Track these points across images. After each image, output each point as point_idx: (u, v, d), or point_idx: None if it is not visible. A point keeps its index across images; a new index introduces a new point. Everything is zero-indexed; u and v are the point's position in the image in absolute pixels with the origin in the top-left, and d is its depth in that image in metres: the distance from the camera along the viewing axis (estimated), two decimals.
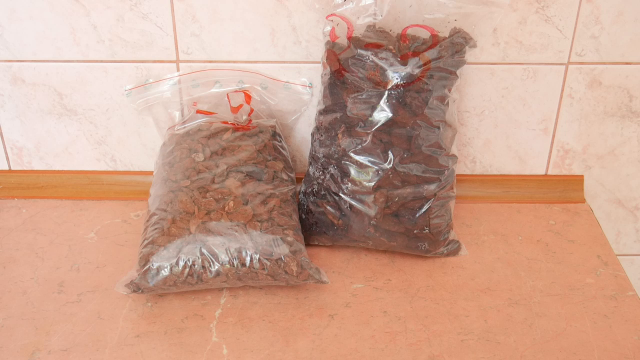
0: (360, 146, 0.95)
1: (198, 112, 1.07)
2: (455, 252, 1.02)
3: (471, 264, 1.01)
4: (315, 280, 0.92)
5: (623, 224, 1.20)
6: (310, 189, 1.01)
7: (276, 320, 0.91)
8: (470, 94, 1.08)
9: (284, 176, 1.00)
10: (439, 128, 0.95)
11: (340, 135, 0.96)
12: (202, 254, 0.89)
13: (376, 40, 0.94)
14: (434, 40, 0.94)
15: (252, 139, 1.02)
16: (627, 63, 1.05)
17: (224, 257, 0.89)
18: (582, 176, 1.15)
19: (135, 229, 1.07)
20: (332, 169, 0.98)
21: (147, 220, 0.95)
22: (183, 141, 1.03)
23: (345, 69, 0.95)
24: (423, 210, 0.97)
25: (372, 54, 0.93)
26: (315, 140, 1.01)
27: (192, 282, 0.90)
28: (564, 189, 1.14)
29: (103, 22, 1.02)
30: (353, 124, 0.95)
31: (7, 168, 1.15)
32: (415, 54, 0.93)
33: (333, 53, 0.96)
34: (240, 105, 1.06)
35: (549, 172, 1.15)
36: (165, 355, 0.85)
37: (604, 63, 1.05)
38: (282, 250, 0.90)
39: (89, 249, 1.03)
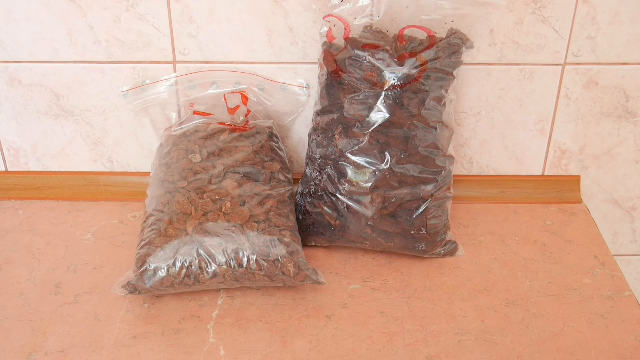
0: (357, 147, 0.95)
1: (195, 113, 1.07)
2: (452, 252, 1.02)
3: (468, 264, 1.01)
4: (313, 281, 0.92)
5: (620, 225, 1.20)
6: (307, 190, 1.01)
7: (273, 321, 0.91)
8: (467, 94, 1.08)
9: (281, 177, 1.00)
10: (436, 129, 0.95)
11: (337, 136, 0.96)
12: (199, 255, 0.89)
13: (373, 41, 0.94)
14: (431, 42, 0.94)
15: (249, 140, 1.02)
16: (623, 64, 1.06)
17: (221, 258, 0.89)
18: (579, 177, 1.15)
19: (132, 230, 1.07)
20: (329, 170, 0.97)
21: (144, 222, 0.95)
22: (180, 142, 1.03)
23: (343, 70, 0.95)
24: (420, 211, 0.97)
25: (369, 55, 0.93)
26: (312, 141, 1.01)
27: (189, 283, 0.90)
28: (560, 190, 1.15)
29: (100, 23, 1.02)
30: (350, 125, 0.95)
31: (3, 169, 1.15)
32: (413, 55, 0.93)
33: (330, 54, 0.96)
34: (237, 107, 1.06)
35: (546, 173, 1.15)
36: (163, 357, 0.85)
37: (601, 64, 1.06)
38: (280, 251, 0.90)
39: (86, 250, 1.03)
